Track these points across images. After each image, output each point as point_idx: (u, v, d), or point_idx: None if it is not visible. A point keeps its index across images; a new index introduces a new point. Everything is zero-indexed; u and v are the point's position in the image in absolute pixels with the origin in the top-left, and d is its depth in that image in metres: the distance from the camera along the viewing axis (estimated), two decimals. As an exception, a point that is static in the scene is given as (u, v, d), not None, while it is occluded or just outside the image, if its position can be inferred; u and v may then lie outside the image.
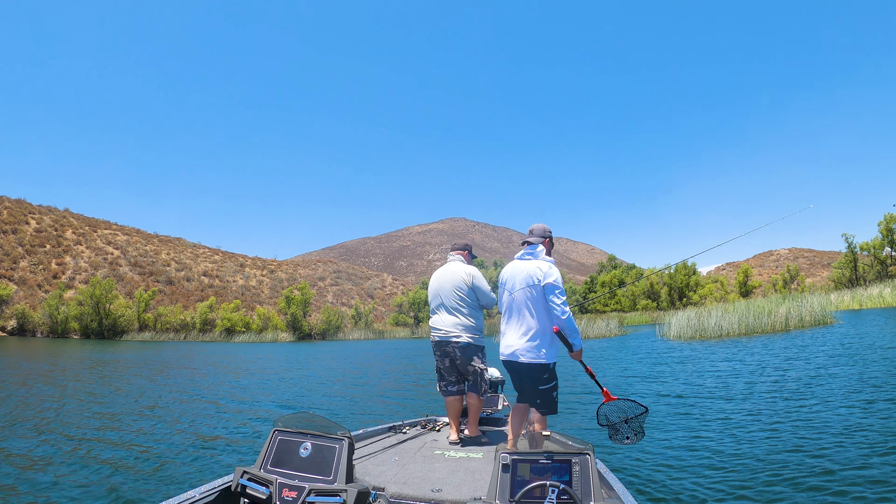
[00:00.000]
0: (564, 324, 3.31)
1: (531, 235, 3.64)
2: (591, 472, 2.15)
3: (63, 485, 4.15)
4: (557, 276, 3.40)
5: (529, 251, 3.56)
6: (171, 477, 4.37)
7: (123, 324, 45.31)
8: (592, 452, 2.22)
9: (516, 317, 3.47)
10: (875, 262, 46.30)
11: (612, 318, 32.43)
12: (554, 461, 2.19)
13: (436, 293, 4.07)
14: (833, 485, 3.64)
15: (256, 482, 2.20)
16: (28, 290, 51.29)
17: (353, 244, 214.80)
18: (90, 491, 4.00)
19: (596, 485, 2.13)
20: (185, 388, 10.47)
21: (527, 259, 3.53)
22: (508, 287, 3.54)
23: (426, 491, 2.64)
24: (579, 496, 2.09)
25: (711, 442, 4.95)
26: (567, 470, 2.17)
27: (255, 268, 79.61)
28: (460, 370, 3.99)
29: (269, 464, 2.30)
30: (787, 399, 6.62)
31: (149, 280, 62.19)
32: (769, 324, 17.97)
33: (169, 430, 6.31)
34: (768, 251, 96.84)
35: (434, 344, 4.06)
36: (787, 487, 3.68)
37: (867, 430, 4.84)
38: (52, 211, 69.77)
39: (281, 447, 2.33)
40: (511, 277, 3.53)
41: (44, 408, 7.71)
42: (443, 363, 4.03)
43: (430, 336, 4.10)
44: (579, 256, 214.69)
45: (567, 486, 2.10)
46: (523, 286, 3.43)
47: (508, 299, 3.53)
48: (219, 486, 2.36)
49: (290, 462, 2.27)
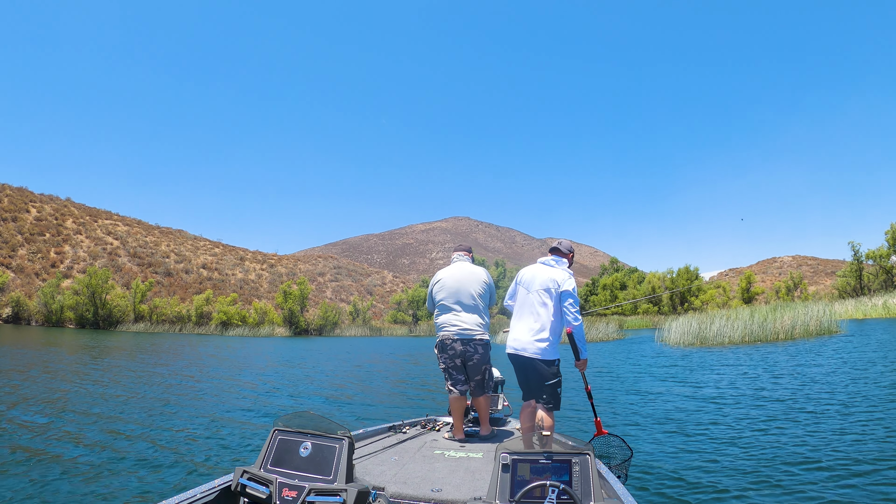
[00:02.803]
0: (576, 329, 3.54)
1: (560, 246, 3.90)
2: (591, 472, 2.15)
3: (60, 485, 4.06)
4: (574, 285, 3.67)
5: (556, 259, 3.82)
6: (171, 476, 4.32)
7: (119, 314, 45.00)
8: (592, 452, 2.22)
9: (529, 314, 3.68)
10: (880, 272, 45.66)
11: (612, 322, 32.01)
12: (554, 461, 2.19)
13: (454, 291, 4.06)
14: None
15: (256, 482, 2.20)
16: (26, 279, 51.10)
17: (356, 240, 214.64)
18: (88, 491, 3.94)
19: (596, 485, 2.13)
20: (183, 386, 10.19)
21: (551, 265, 3.78)
22: (526, 285, 3.77)
23: (426, 491, 2.63)
24: (579, 496, 2.09)
25: (712, 442, 4.93)
26: (567, 470, 2.17)
27: (254, 262, 79.31)
28: (469, 369, 4.00)
29: (269, 463, 2.29)
30: (792, 408, 6.22)
31: (147, 271, 61.91)
32: (773, 332, 17.46)
33: (168, 428, 6.20)
34: (772, 258, 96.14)
35: (448, 342, 4.00)
36: (787, 488, 3.66)
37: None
38: (54, 200, 69.61)
39: (281, 447, 2.33)
40: (531, 278, 3.77)
41: (37, 405, 7.48)
42: (453, 362, 4.00)
43: (442, 334, 4.03)
44: (582, 258, 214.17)
45: (567, 486, 2.09)
46: (541, 288, 3.68)
47: (524, 297, 3.74)
48: (219, 486, 2.33)
49: (290, 462, 2.27)
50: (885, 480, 3.76)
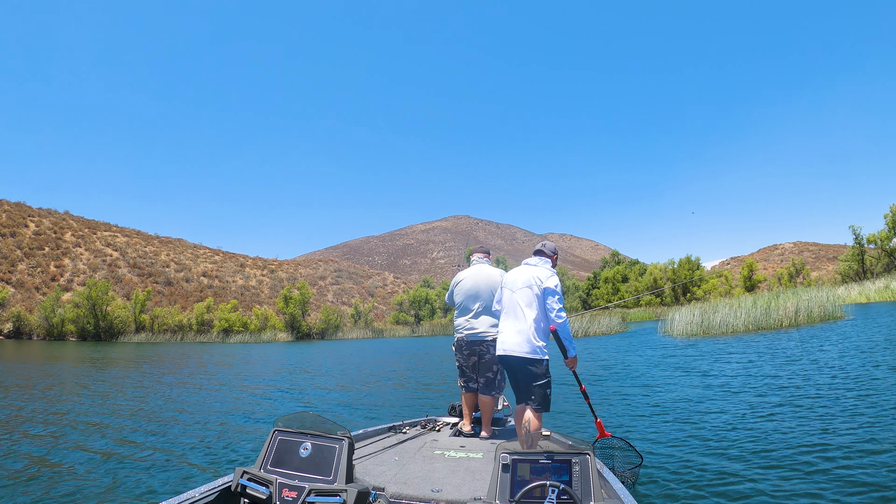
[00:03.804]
0: (560, 327, 3.49)
1: (544, 247, 3.90)
2: (591, 472, 2.15)
3: (60, 485, 4.08)
4: (557, 282, 3.63)
5: (539, 259, 3.80)
6: (171, 477, 4.33)
7: (120, 325, 44.86)
8: (592, 453, 2.21)
9: (514, 315, 3.63)
10: (882, 255, 45.42)
11: (615, 315, 31.84)
12: (554, 461, 2.18)
13: (473, 294, 4.23)
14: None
15: (256, 482, 2.20)
16: (26, 293, 50.99)
17: (357, 243, 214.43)
18: (88, 491, 3.95)
19: (596, 485, 2.12)
20: (184, 389, 10.11)
21: (534, 265, 3.76)
22: (510, 286, 3.74)
23: (426, 491, 2.63)
24: (579, 496, 2.08)
25: (713, 444, 4.83)
26: (567, 470, 2.16)
27: (255, 268, 79.20)
28: (480, 366, 4.18)
29: (269, 464, 2.29)
30: (793, 399, 6.05)
31: (147, 281, 61.78)
32: (777, 319, 17.28)
33: (168, 430, 6.21)
34: (773, 245, 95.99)
35: (465, 343, 4.22)
36: (789, 487, 3.56)
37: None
38: (52, 214, 69.52)
39: (281, 447, 2.33)
40: (514, 278, 3.75)
41: (42, 408, 7.51)
42: (468, 361, 4.21)
43: (460, 334, 4.26)
44: (583, 252, 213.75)
45: (567, 487, 2.08)
46: (524, 286, 3.63)
47: (509, 298, 3.71)
48: (219, 486, 2.34)
49: (290, 462, 2.27)
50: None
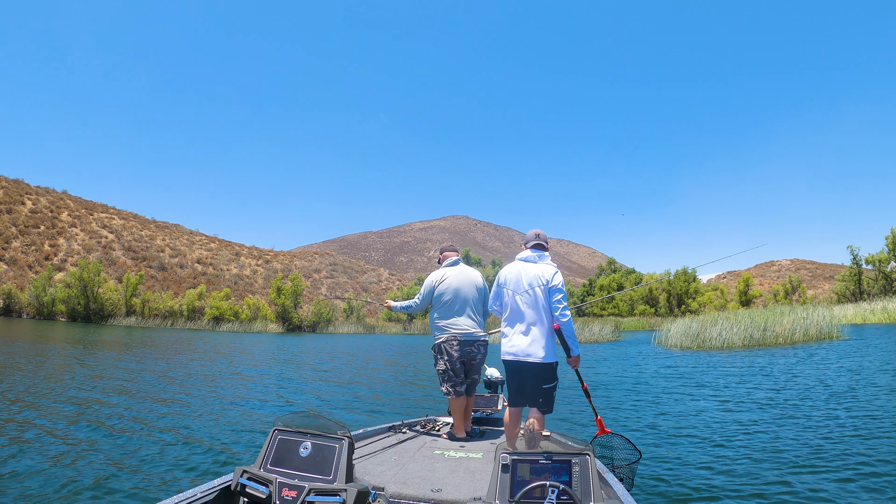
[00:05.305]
0: (564, 325, 3.39)
1: (538, 239, 3.66)
2: (591, 472, 2.14)
3: (57, 484, 3.98)
4: (562, 279, 3.50)
5: (539, 254, 3.60)
6: (171, 476, 4.27)
7: (110, 308, 44.47)
8: (592, 453, 2.21)
9: (523, 317, 3.49)
10: (880, 277, 45.41)
11: (608, 323, 31.67)
12: (554, 461, 2.18)
13: (456, 294, 4.12)
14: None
15: (256, 481, 2.20)
16: (18, 271, 50.61)
17: (354, 238, 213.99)
18: (86, 491, 3.86)
19: (596, 485, 2.12)
20: (182, 385, 9.85)
21: (534, 262, 3.58)
22: (513, 287, 3.55)
23: (426, 491, 2.63)
24: (579, 496, 2.08)
25: (712, 444, 4.88)
26: (567, 470, 2.16)
27: (250, 257, 78.80)
28: (471, 368, 4.11)
29: (269, 463, 2.29)
30: (787, 408, 5.92)
31: (141, 265, 61.38)
32: (773, 337, 17.10)
33: (167, 428, 6.08)
34: (770, 261, 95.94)
35: (454, 342, 4.05)
36: (788, 488, 3.57)
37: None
38: (50, 192, 69.06)
39: (281, 446, 2.32)
40: (517, 278, 3.55)
41: (30, 403, 7.23)
42: (454, 364, 4.05)
43: (447, 334, 4.07)
44: (580, 259, 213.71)
45: (567, 487, 2.08)
46: (530, 287, 3.48)
47: (513, 300, 3.54)
48: (218, 486, 2.34)
49: (289, 461, 2.26)
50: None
